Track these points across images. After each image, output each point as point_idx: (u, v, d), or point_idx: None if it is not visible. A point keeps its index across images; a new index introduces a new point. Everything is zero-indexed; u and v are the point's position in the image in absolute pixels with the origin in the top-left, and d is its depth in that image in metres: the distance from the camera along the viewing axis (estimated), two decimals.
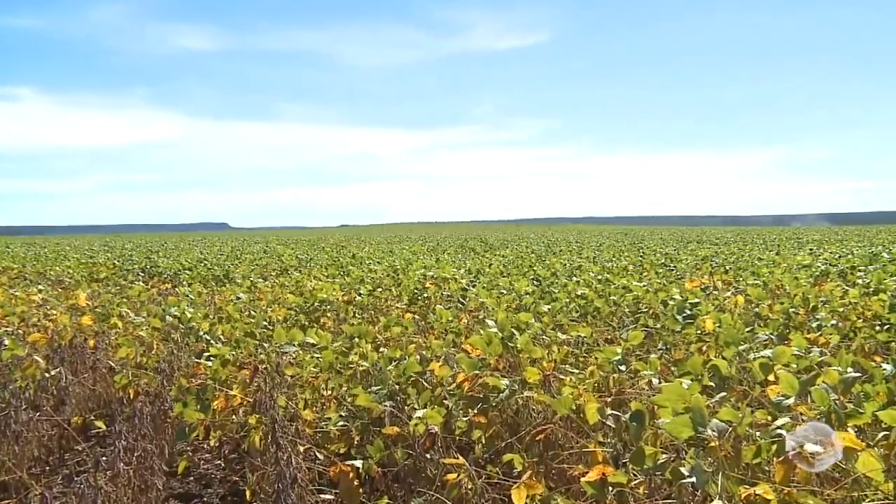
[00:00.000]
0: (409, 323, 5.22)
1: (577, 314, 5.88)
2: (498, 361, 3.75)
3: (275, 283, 9.59)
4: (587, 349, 4.41)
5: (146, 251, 22.98)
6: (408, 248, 24.85)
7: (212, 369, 3.96)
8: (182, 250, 24.35)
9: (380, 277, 9.38)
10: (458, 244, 28.52)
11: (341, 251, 22.54)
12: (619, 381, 3.37)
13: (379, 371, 3.89)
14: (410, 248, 24.76)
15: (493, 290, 7.12)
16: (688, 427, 2.13)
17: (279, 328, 4.54)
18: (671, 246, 21.86)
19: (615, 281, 7.75)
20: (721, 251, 16.22)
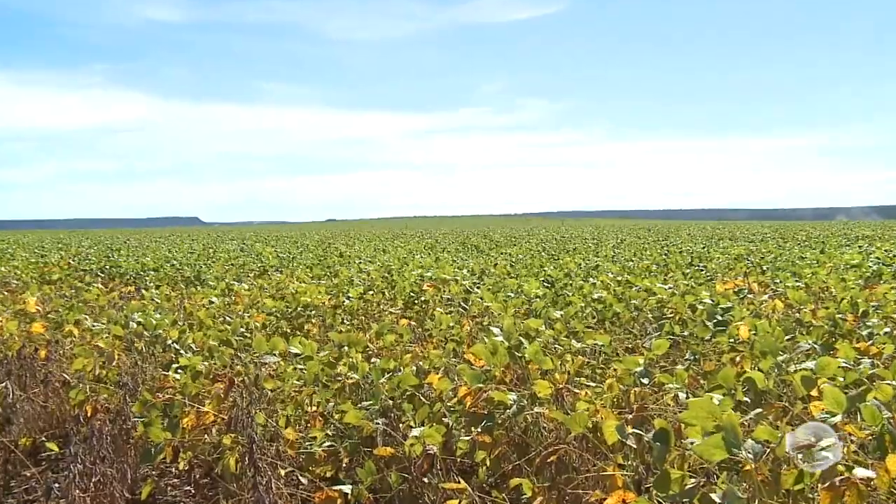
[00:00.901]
0: (405, 330, 5.21)
1: (594, 320, 5.87)
2: (504, 373, 3.75)
3: (253, 286, 9.58)
4: (605, 360, 4.41)
5: (106, 249, 23.00)
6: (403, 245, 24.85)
7: (181, 383, 3.96)
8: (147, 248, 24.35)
9: (371, 279, 9.37)
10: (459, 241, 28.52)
11: (328, 249, 22.54)
12: (641, 395, 3.36)
13: (370, 384, 3.88)
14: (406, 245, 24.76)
15: (499, 293, 7.12)
16: (720, 448, 2.12)
17: (258, 336, 4.54)
18: (700, 243, 21.86)
19: (637, 283, 7.74)
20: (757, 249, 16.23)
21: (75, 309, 6.25)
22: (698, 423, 2.27)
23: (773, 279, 8.27)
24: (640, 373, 3.45)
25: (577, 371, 3.97)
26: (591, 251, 18.61)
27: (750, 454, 2.13)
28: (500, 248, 21.92)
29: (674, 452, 2.48)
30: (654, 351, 3.81)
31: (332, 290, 7.90)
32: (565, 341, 4.65)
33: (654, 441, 2.45)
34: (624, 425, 2.78)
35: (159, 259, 15.59)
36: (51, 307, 6.97)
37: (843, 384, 3.00)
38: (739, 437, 2.14)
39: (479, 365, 3.78)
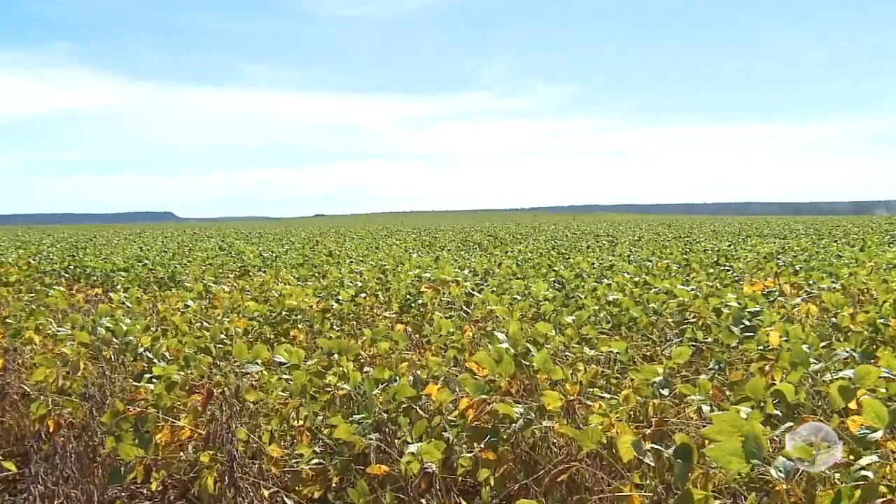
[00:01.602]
0: (400, 336, 5.22)
1: (609, 325, 5.87)
2: (510, 384, 3.76)
3: (233, 288, 9.58)
4: (621, 369, 4.41)
5: (70, 247, 23.00)
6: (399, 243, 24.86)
7: (154, 394, 3.96)
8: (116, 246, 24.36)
9: (364, 280, 9.37)
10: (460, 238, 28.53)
11: (316, 247, 22.54)
12: (660, 408, 3.37)
13: (363, 396, 3.88)
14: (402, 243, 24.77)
15: (505, 296, 7.12)
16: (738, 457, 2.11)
17: (239, 343, 4.54)
18: (726, 240, 21.87)
19: (656, 284, 7.74)
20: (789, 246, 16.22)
21: (36, 314, 6.25)
22: (723, 438, 2.27)
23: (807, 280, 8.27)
24: (659, 383, 3.45)
25: (589, 381, 3.97)
26: (605, 249, 18.61)
27: (781, 473, 2.13)
28: (505, 246, 21.93)
29: (696, 471, 2.48)
30: (674, 359, 3.82)
31: (320, 293, 7.90)
32: (577, 348, 4.65)
33: (674, 458, 2.45)
34: (641, 441, 2.78)
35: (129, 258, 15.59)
36: (8, 312, 6.97)
37: (884, 396, 3.00)
38: (763, 446, 2.14)
39: (482, 374, 3.78)
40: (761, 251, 14.36)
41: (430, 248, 20.68)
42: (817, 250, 14.40)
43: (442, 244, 23.39)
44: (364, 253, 18.39)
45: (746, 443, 2.13)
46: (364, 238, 31.32)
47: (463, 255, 16.50)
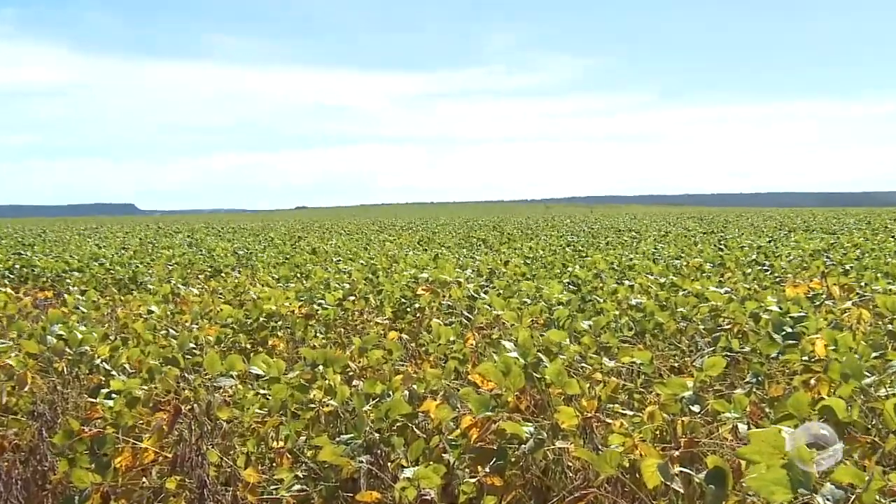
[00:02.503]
0: (394, 345, 5.22)
1: (631, 333, 5.87)
2: (519, 399, 3.76)
3: (204, 290, 9.58)
4: (645, 382, 4.41)
5: (16, 244, 23.01)
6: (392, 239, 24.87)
7: (113, 412, 3.96)
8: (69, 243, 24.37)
9: (353, 281, 9.38)
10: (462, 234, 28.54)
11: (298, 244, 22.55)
12: (689, 427, 3.37)
13: (351, 413, 3.88)
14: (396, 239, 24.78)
15: (513, 299, 7.12)
16: (782, 486, 2.12)
17: (210, 353, 4.53)
18: (765, 235, 21.88)
19: (685, 286, 7.75)
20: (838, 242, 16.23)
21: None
22: (762, 461, 2.27)
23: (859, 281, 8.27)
24: (688, 399, 3.45)
25: (609, 396, 3.97)
26: (627, 246, 18.61)
27: (828, 500, 2.13)
28: (513, 242, 21.94)
29: (731, 498, 2.48)
30: (706, 371, 3.82)
31: (302, 296, 7.90)
32: (595, 359, 4.65)
33: (706, 484, 2.45)
34: (668, 464, 2.78)
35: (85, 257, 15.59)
36: None
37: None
38: (812, 476, 2.14)
39: (487, 388, 3.78)
40: (806, 248, 14.36)
41: (429, 245, 20.69)
42: (871, 247, 14.40)
43: (441, 240, 23.40)
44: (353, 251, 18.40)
45: (791, 469, 2.13)
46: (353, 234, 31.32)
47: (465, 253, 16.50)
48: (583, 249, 17.09)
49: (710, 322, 5.95)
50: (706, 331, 5.78)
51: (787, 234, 22.28)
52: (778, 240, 18.88)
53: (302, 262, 14.24)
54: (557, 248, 17.23)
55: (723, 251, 14.65)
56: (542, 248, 17.66)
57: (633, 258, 13.23)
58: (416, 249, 18.79)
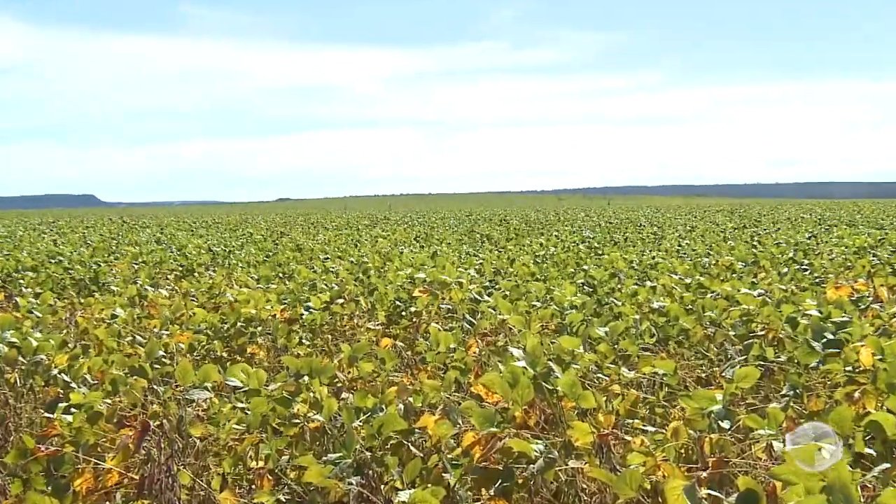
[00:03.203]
0: (388, 353, 5.22)
1: (653, 339, 5.88)
2: (527, 414, 3.76)
3: (174, 292, 9.58)
4: (668, 394, 4.41)
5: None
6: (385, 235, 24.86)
7: (73, 428, 3.96)
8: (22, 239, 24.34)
9: (341, 282, 9.38)
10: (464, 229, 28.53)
11: (280, 240, 22.55)
12: (718, 444, 3.37)
13: (340, 429, 3.88)
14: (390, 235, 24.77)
15: (520, 302, 7.13)
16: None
17: (182, 362, 4.54)
18: (803, 230, 21.88)
19: (713, 287, 7.74)
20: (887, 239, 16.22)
21: None
22: (799, 483, 2.27)
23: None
24: (717, 413, 3.45)
25: (628, 411, 3.97)
26: (648, 242, 18.60)
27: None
28: (520, 238, 21.93)
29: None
30: (737, 383, 3.82)
31: (285, 298, 7.90)
32: (612, 369, 4.65)
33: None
34: (695, 486, 2.78)
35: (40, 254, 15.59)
36: None
37: None
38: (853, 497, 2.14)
39: (491, 401, 3.78)
40: (850, 245, 14.35)
41: (426, 242, 20.68)
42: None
43: (441, 236, 23.39)
44: (341, 248, 18.38)
45: (832, 493, 2.13)
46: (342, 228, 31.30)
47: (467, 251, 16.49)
48: (599, 246, 17.08)
49: (741, 328, 5.95)
50: (737, 337, 5.78)
51: (828, 229, 22.28)
52: (819, 235, 18.88)
53: (284, 260, 14.23)
54: (570, 245, 17.23)
55: (756, 248, 14.65)
56: (553, 244, 17.65)
57: (656, 256, 13.22)
58: (413, 246, 18.79)
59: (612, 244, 18.21)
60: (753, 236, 19.73)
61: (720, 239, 18.85)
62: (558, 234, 23.01)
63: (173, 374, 4.51)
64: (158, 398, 4.54)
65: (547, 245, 17.45)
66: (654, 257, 12.88)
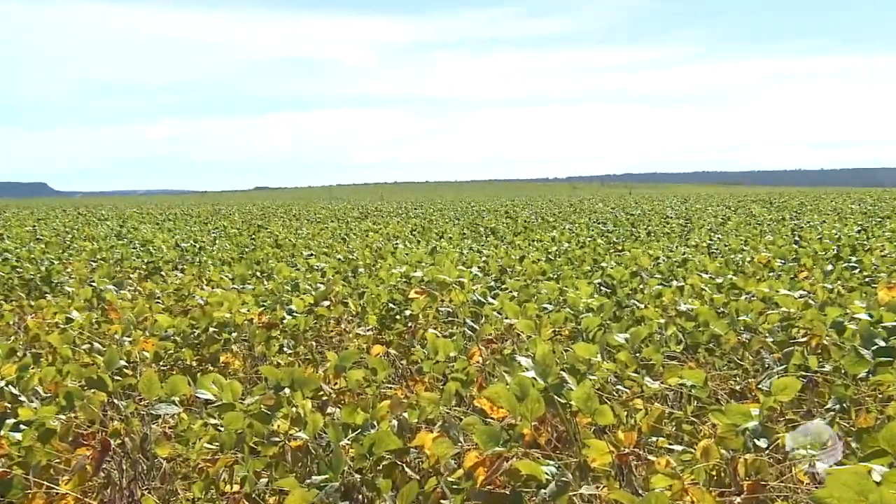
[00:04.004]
0: (380, 363, 5.22)
1: (680, 347, 5.88)
2: (537, 431, 3.76)
3: (138, 293, 9.58)
4: (697, 409, 4.41)
5: None
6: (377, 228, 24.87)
7: (21, 447, 3.97)
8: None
9: (327, 282, 9.38)
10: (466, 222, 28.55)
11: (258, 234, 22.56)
12: (755, 466, 3.37)
13: (325, 448, 3.89)
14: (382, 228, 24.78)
15: (530, 304, 7.13)
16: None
17: (146, 373, 4.54)
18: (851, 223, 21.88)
19: (748, 288, 7.75)
20: None
21: None
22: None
23: None
24: (753, 430, 3.46)
25: (652, 427, 3.98)
26: (675, 237, 18.61)
27: None
28: (530, 232, 21.94)
29: None
30: (775, 396, 3.82)
31: (264, 301, 7.91)
32: (634, 380, 4.66)
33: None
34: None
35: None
36: None
37: None
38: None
39: (497, 417, 3.79)
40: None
41: (423, 237, 20.69)
42: None
43: (440, 230, 23.41)
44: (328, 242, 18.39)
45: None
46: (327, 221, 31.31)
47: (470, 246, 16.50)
48: (618, 241, 17.09)
49: (780, 333, 5.95)
50: (775, 344, 5.78)
51: (880, 222, 22.26)
52: (869, 229, 18.87)
53: (263, 257, 14.24)
54: (586, 240, 17.24)
55: (798, 243, 14.65)
56: (566, 239, 17.67)
57: (684, 252, 13.23)
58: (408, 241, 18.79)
59: (634, 239, 18.22)
60: (794, 230, 19.74)
61: (756, 233, 18.86)
62: (573, 228, 23.02)
63: (136, 387, 4.51)
64: (120, 413, 4.54)
65: (560, 240, 17.47)
66: (681, 254, 12.89)
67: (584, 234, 19.59)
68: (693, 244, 15.57)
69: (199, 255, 15.34)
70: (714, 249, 14.31)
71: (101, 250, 15.99)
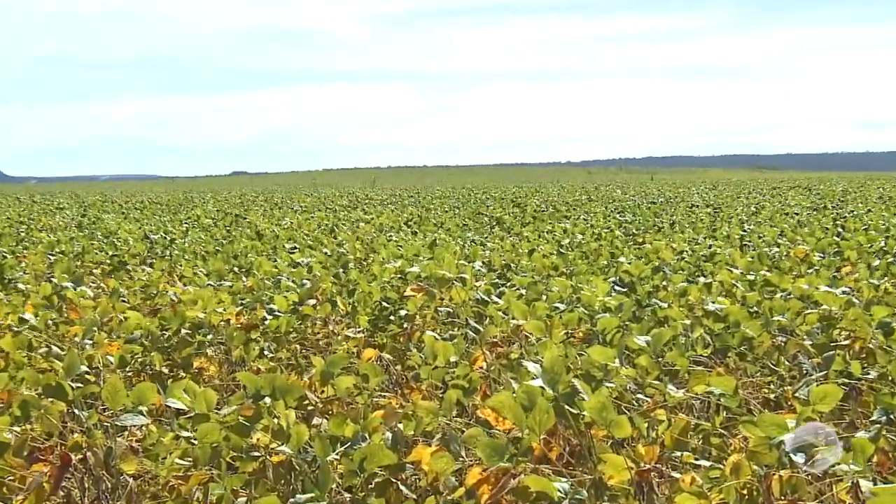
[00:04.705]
0: (372, 369, 5.23)
1: (707, 351, 5.88)
2: (548, 445, 3.77)
3: (101, 291, 9.58)
4: (727, 420, 4.41)
5: None
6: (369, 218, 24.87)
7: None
8: None
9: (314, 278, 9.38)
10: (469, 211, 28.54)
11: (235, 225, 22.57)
12: (791, 483, 3.38)
13: (311, 464, 3.89)
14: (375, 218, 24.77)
15: (539, 303, 7.13)
16: None
17: (111, 379, 4.54)
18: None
19: (784, 285, 7.74)
20: None
21: None
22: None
23: None
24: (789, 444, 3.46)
25: (676, 440, 3.98)
26: (702, 227, 18.60)
27: None
28: (539, 222, 21.94)
29: None
30: (814, 405, 3.82)
31: (242, 299, 7.90)
32: (656, 388, 4.66)
33: None
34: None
35: None
36: None
37: None
38: None
39: (502, 429, 3.79)
40: None
41: (421, 227, 20.68)
42: None
43: (439, 220, 23.41)
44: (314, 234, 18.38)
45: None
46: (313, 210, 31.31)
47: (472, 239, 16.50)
48: (639, 233, 17.08)
49: (820, 335, 5.95)
50: (815, 348, 5.78)
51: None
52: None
53: (241, 250, 14.23)
54: (603, 232, 17.24)
55: (840, 235, 14.64)
56: (580, 230, 17.65)
57: (711, 245, 13.21)
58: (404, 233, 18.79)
59: (656, 230, 18.21)
60: (836, 220, 19.72)
61: (793, 223, 18.85)
62: (587, 218, 23.02)
63: (100, 395, 4.51)
64: (81, 425, 4.54)
65: (573, 231, 17.45)
66: (709, 247, 12.87)
67: (600, 225, 19.59)
68: (722, 236, 15.56)
69: (170, 249, 15.33)
70: (746, 242, 14.30)
71: (59, 243, 15.98)
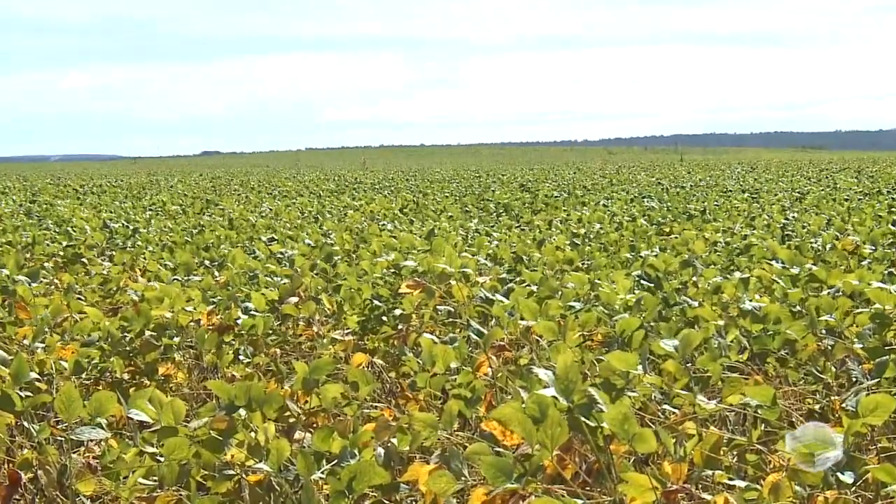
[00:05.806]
0: (362, 375, 5.24)
1: (743, 355, 5.88)
2: (561, 462, 3.78)
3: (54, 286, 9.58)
4: (765, 434, 4.42)
5: None
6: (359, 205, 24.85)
7: None
8: None
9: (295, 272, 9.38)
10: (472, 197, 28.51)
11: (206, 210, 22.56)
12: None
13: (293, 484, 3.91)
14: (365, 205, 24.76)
15: (552, 302, 7.14)
16: None
17: (65, 388, 4.55)
18: None
19: (831, 281, 7.75)
20: None
21: None
22: None
23: None
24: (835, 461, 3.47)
25: (707, 457, 3.99)
26: (737, 215, 18.57)
27: None
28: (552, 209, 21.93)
29: None
30: (864, 417, 3.84)
31: (214, 297, 7.91)
32: (684, 398, 4.67)
33: None
34: None
35: None
36: None
37: None
38: None
39: (510, 444, 3.80)
40: None
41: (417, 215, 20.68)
42: None
43: (439, 207, 23.39)
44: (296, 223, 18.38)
45: None
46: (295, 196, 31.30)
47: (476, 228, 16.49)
48: (665, 222, 17.06)
49: (871, 338, 5.96)
50: (866, 352, 5.79)
51: None
52: None
53: (213, 241, 14.23)
54: (625, 220, 17.22)
55: (895, 224, 14.62)
56: (599, 219, 17.64)
57: (748, 236, 13.21)
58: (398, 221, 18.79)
59: (685, 218, 18.20)
60: (891, 206, 19.70)
61: (842, 210, 18.83)
62: (607, 204, 23.00)
63: (52, 406, 4.52)
64: (31, 440, 4.56)
65: (590, 220, 17.44)
66: (745, 237, 12.87)
67: (621, 213, 19.58)
68: (760, 225, 15.54)
69: (132, 239, 15.33)
70: (788, 232, 14.28)
71: (5, 232, 15.99)
